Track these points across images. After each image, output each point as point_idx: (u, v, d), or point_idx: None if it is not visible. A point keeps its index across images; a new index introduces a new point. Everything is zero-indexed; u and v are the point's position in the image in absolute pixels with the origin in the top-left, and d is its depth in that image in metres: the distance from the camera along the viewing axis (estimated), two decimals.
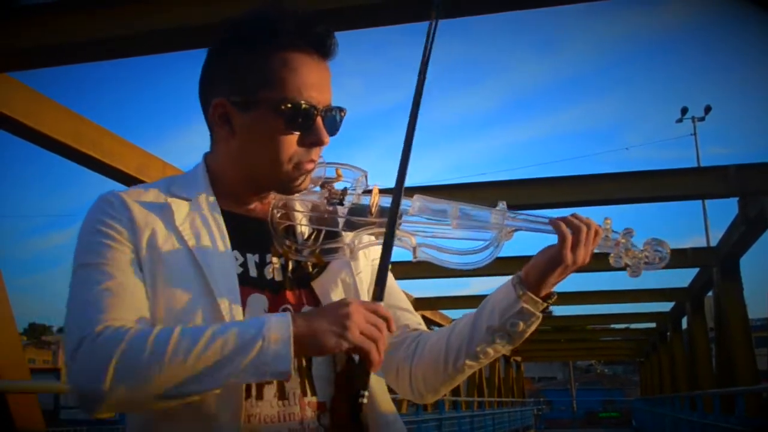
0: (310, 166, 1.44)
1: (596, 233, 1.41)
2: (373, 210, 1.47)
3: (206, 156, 1.53)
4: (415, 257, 1.46)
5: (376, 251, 1.57)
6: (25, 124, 5.16)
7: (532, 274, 1.43)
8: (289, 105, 1.37)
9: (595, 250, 1.43)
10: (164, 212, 1.40)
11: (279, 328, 1.22)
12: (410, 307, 1.67)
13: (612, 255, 1.43)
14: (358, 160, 1.49)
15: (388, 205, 1.42)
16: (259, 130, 1.40)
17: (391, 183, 1.38)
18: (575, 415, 43.58)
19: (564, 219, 1.42)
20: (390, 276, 1.64)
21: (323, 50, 1.43)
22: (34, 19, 4.67)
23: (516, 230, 1.45)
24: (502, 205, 1.46)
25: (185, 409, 1.27)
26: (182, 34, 4.62)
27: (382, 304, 1.30)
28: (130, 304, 1.29)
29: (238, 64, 1.41)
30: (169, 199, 1.43)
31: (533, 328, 1.46)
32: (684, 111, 30.97)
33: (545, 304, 1.44)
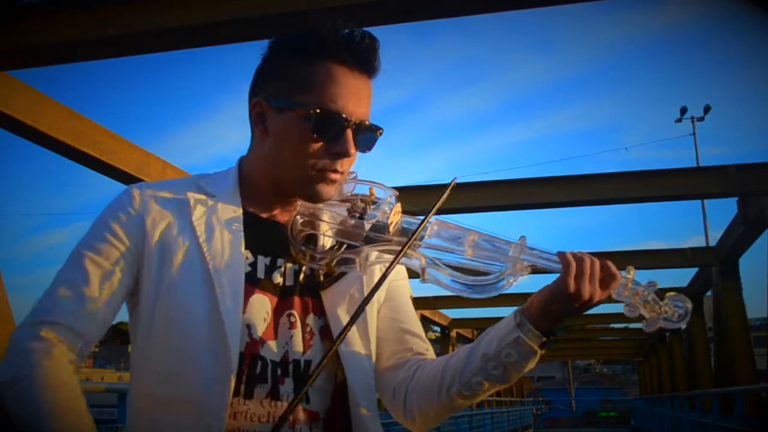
0: (334, 176, 1.43)
1: (608, 274, 1.35)
2: (392, 229, 1.46)
3: (241, 159, 1.55)
4: (423, 279, 1.44)
5: (396, 272, 1.58)
6: (25, 122, 5.16)
7: (534, 303, 1.38)
8: (318, 111, 1.38)
9: (614, 297, 1.38)
10: (181, 207, 1.44)
11: None
12: (420, 330, 1.63)
13: (628, 305, 1.37)
14: (359, 160, 1.49)
15: (408, 226, 1.43)
16: (288, 133, 1.41)
17: (391, 182, 1.38)
18: (574, 415, 43.59)
19: (572, 252, 1.37)
20: (406, 296, 1.65)
21: (366, 66, 1.44)
22: (34, 17, 4.67)
23: (531, 266, 1.39)
24: (522, 239, 1.41)
25: (173, 400, 1.32)
26: (182, 34, 4.63)
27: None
28: (89, 305, 1.34)
29: (282, 68, 1.44)
30: (189, 194, 1.46)
31: (530, 364, 1.40)
32: (683, 111, 30.95)
33: (544, 339, 1.37)
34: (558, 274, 1.35)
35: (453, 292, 1.43)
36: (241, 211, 1.46)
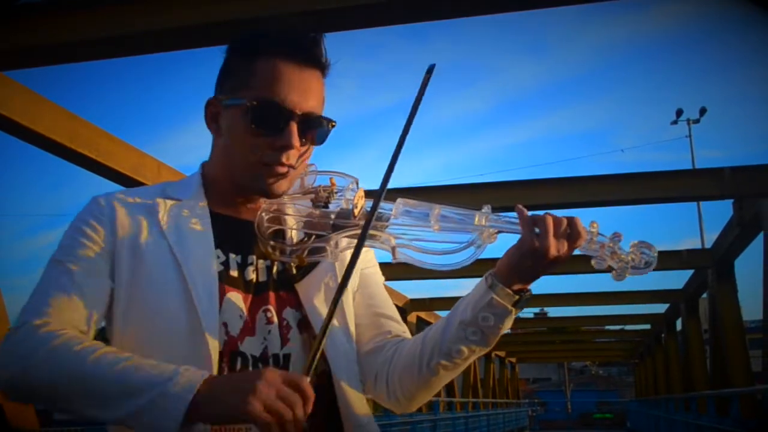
0: (281, 169, 1.44)
1: (574, 230, 1.36)
2: (357, 212, 1.47)
3: (204, 162, 1.58)
4: (394, 258, 1.45)
5: (366, 260, 1.62)
6: (21, 123, 5.15)
7: (503, 264, 1.39)
8: (255, 102, 1.40)
9: (580, 252, 1.39)
10: (150, 212, 1.45)
11: (183, 386, 1.18)
12: (395, 314, 1.65)
13: (595, 257, 1.38)
14: (352, 162, 1.51)
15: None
16: (234, 129, 1.44)
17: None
18: (570, 417, 43.63)
19: (534, 213, 1.39)
20: (378, 282, 1.66)
21: (309, 58, 1.45)
22: (30, 18, 4.66)
23: (499, 232, 1.41)
24: (486, 207, 1.43)
25: None
26: (179, 35, 4.63)
27: (307, 378, 1.21)
28: (76, 307, 1.34)
29: (230, 67, 1.48)
30: (157, 200, 1.47)
31: (506, 324, 1.42)
32: (679, 113, 31.06)
33: (516, 297, 1.40)
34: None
35: (425, 266, 1.44)
36: (208, 211, 1.48)
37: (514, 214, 1.39)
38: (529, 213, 1.38)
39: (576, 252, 1.39)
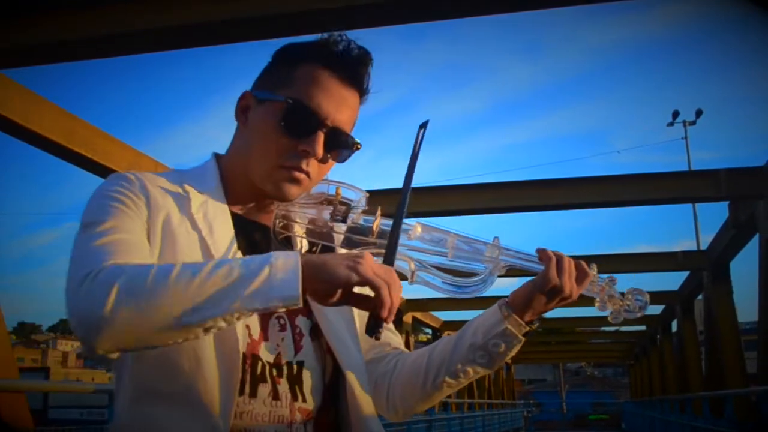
0: (298, 175, 1.43)
1: (582, 271, 1.49)
2: (375, 231, 1.47)
3: (218, 155, 1.54)
4: (411, 281, 1.48)
5: None
6: (17, 122, 5.15)
7: (519, 297, 1.50)
8: (290, 101, 1.39)
9: (584, 293, 1.52)
10: (181, 198, 1.41)
11: (287, 256, 1.19)
12: (392, 326, 1.67)
13: (598, 300, 1.52)
14: (348, 163, 1.50)
15: (387, 227, 1.43)
16: (261, 124, 1.43)
17: (383, 183, 1.38)
18: (565, 418, 43.63)
19: (551, 251, 1.49)
20: None
21: (352, 76, 1.45)
22: (27, 16, 4.65)
23: (509, 266, 1.50)
24: (496, 240, 1.50)
25: (177, 400, 1.28)
26: (178, 34, 4.63)
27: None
28: (136, 254, 1.26)
29: (272, 67, 1.48)
30: (186, 187, 1.43)
31: (513, 351, 1.52)
32: (675, 114, 31.07)
33: (528, 328, 1.51)
34: (532, 275, 1.49)
35: (443, 293, 1.49)
36: (228, 210, 1.46)
37: (523, 248, 1.50)
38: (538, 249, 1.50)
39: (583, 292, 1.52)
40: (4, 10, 4.61)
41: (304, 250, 1.52)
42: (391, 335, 1.66)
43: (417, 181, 1.41)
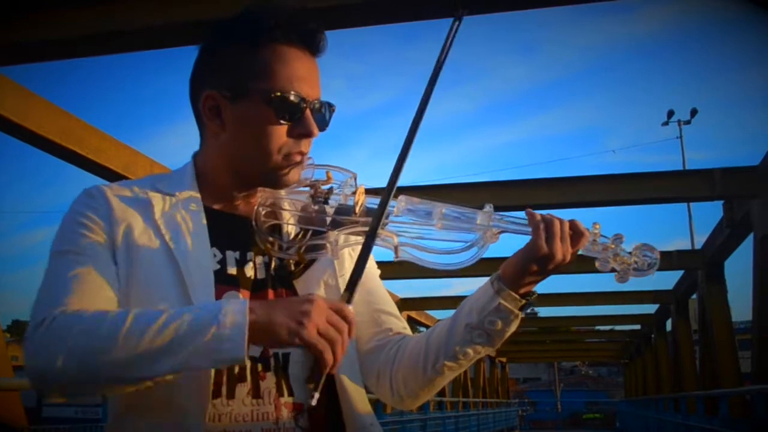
0: (298, 158, 1.43)
1: (577, 232, 1.39)
2: (358, 209, 1.46)
3: (195, 155, 1.54)
4: (396, 257, 1.44)
5: None
6: (12, 120, 5.14)
7: (510, 269, 1.41)
8: (278, 94, 1.38)
9: (583, 253, 1.41)
10: (143, 206, 1.41)
11: (235, 313, 1.19)
12: (395, 310, 1.65)
13: (599, 259, 1.40)
14: (343, 162, 1.49)
15: (373, 206, 1.42)
16: (249, 121, 1.41)
17: (378, 183, 1.38)
18: (559, 416, 43.71)
19: (540, 214, 1.41)
20: (376, 278, 1.64)
21: (313, 46, 1.44)
22: (22, 14, 4.64)
23: (502, 232, 1.42)
24: (488, 207, 1.43)
25: (154, 405, 1.29)
26: (171, 31, 4.62)
27: (351, 306, 1.26)
28: (97, 291, 1.30)
29: (228, 58, 1.43)
30: (150, 194, 1.43)
31: (512, 327, 1.43)
32: (670, 114, 31.08)
33: (523, 302, 1.42)
34: (528, 237, 1.39)
35: (427, 266, 1.43)
36: (202, 207, 1.45)
37: (517, 214, 1.41)
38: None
39: (580, 253, 1.41)
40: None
41: (292, 236, 1.50)
42: (394, 320, 1.61)
43: (410, 180, 1.40)
